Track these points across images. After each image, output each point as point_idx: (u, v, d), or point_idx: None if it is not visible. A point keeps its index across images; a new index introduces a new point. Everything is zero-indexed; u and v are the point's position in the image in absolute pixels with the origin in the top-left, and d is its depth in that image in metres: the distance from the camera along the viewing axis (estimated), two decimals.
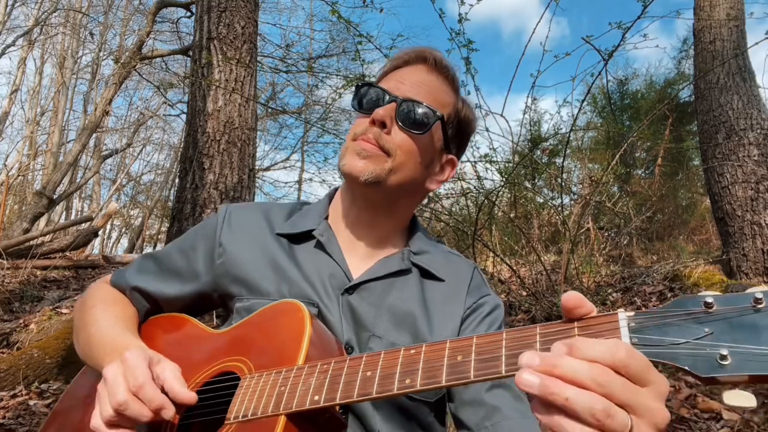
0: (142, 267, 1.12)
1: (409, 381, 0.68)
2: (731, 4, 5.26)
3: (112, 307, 1.06)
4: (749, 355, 0.51)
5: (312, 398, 0.74)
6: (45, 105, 17.82)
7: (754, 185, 4.74)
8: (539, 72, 3.49)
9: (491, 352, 0.63)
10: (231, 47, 4.53)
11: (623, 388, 0.51)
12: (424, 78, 1.04)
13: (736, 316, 0.54)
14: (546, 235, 5.47)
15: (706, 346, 0.53)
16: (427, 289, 1.04)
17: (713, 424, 2.52)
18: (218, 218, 1.09)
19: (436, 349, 0.68)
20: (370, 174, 0.98)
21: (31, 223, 7.87)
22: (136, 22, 14.95)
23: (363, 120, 1.02)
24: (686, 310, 0.56)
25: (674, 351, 0.54)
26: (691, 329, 0.54)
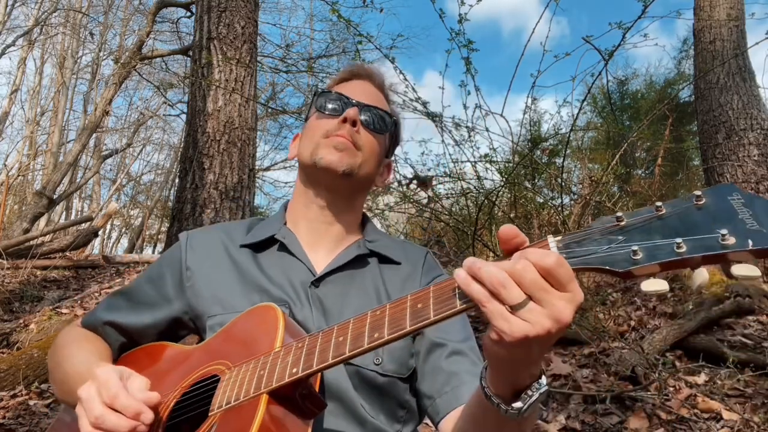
0: (111, 304, 1.16)
1: (377, 334, 0.73)
2: (731, 4, 5.26)
3: (85, 344, 1.10)
4: (655, 248, 0.60)
5: (290, 371, 0.77)
6: (45, 105, 17.82)
7: (754, 185, 4.74)
8: (539, 72, 3.49)
9: (446, 294, 0.70)
10: (231, 47, 4.53)
11: (534, 281, 0.62)
12: (372, 91, 1.19)
13: (643, 223, 0.63)
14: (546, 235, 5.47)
15: (621, 248, 0.62)
16: (386, 273, 1.13)
17: (713, 424, 2.52)
18: (180, 245, 1.15)
19: (398, 304, 0.74)
20: (347, 165, 1.08)
21: (31, 223, 7.87)
22: (136, 22, 14.95)
23: (330, 120, 1.12)
24: (602, 226, 0.65)
25: (596, 257, 0.63)
26: (608, 240, 0.64)
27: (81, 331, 1.15)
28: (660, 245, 0.60)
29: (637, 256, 0.60)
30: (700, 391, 2.75)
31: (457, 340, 1.05)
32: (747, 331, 3.43)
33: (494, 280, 0.62)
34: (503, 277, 0.62)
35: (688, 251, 0.58)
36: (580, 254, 0.64)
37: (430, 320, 0.69)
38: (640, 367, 2.92)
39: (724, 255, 0.57)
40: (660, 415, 2.57)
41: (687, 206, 0.63)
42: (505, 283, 0.62)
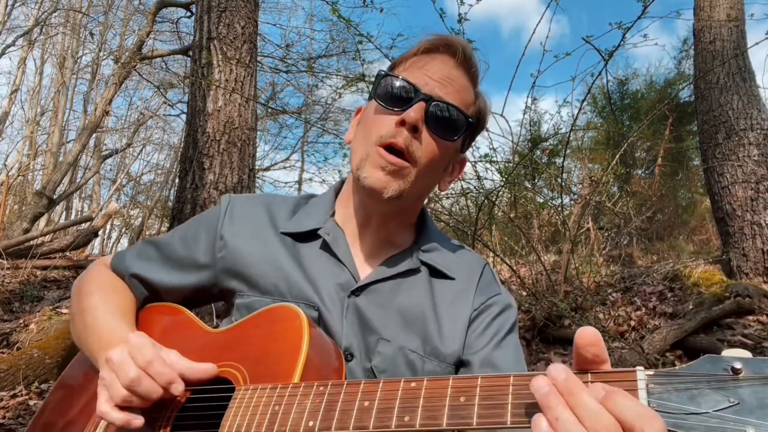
0: (142, 253, 1.09)
1: (408, 419, 0.65)
2: (731, 4, 5.26)
3: (110, 296, 1.03)
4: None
5: (306, 424, 0.72)
6: (45, 105, 17.82)
7: (754, 185, 4.74)
8: (539, 72, 3.49)
9: (496, 398, 0.60)
10: (231, 47, 4.53)
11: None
12: (453, 74, 0.96)
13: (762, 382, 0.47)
14: (546, 235, 5.47)
15: (730, 421, 0.46)
16: (437, 288, 1.00)
17: None
18: (220, 210, 1.05)
19: (437, 386, 0.65)
20: (395, 191, 0.92)
21: (31, 223, 7.87)
22: (136, 22, 14.95)
23: (388, 118, 0.92)
24: (711, 373, 0.50)
25: (694, 423, 0.48)
26: (714, 397, 0.48)
27: (108, 277, 1.08)
28: None
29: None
30: None
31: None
32: (747, 331, 3.43)
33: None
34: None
35: None
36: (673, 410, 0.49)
37: (471, 426, 0.60)
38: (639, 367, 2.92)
39: None
40: None
41: None
42: None
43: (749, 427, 0.45)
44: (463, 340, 0.96)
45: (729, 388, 0.48)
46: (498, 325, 1.00)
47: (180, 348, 0.93)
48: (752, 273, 4.58)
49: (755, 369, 0.48)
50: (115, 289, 1.06)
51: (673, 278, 4.95)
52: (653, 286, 4.86)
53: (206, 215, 1.08)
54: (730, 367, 0.49)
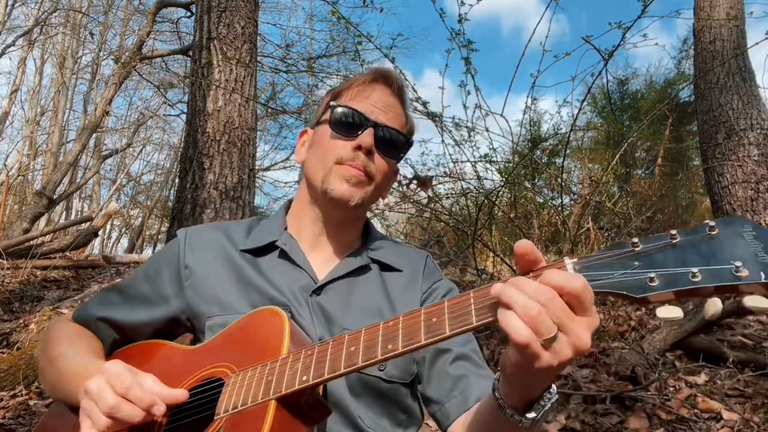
0: (104, 299, 1.13)
1: (391, 346, 0.73)
2: (731, 4, 5.26)
3: (77, 341, 1.07)
4: (671, 275, 0.62)
5: (300, 379, 0.77)
6: (45, 105, 17.82)
7: (754, 185, 4.73)
8: (539, 72, 3.49)
9: (462, 309, 0.71)
10: (231, 47, 4.53)
11: (561, 310, 0.64)
12: (390, 101, 1.13)
13: (658, 250, 0.65)
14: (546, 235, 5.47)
15: (638, 274, 0.64)
16: (388, 280, 1.13)
17: (713, 424, 2.51)
18: (179, 242, 1.13)
19: (412, 317, 0.75)
20: (359, 199, 1.06)
21: (31, 223, 7.87)
22: (136, 22, 14.95)
23: (344, 143, 1.07)
24: (619, 251, 0.67)
25: (613, 281, 0.65)
26: (624, 264, 0.66)
27: (72, 327, 1.12)
28: (676, 273, 0.62)
29: (654, 283, 0.62)
30: (700, 391, 2.75)
31: (461, 343, 1.06)
32: (747, 331, 3.43)
33: (530, 313, 0.63)
34: (537, 310, 0.63)
35: (703, 281, 0.60)
36: (596, 278, 0.66)
37: (445, 335, 0.70)
38: (640, 367, 2.92)
39: (737, 286, 0.59)
40: (660, 415, 2.57)
41: (700, 235, 0.65)
42: (539, 315, 0.63)
43: (651, 273, 0.63)
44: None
45: (633, 257, 0.66)
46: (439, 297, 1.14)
47: (162, 369, 0.96)
48: None
49: (648, 241, 0.66)
50: (82, 335, 1.10)
51: None
52: None
53: (165, 251, 1.16)
54: (630, 243, 0.67)
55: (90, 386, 0.82)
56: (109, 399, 0.79)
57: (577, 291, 0.63)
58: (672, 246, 0.65)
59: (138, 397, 0.80)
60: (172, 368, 0.96)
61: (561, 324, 0.64)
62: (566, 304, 0.64)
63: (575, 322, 0.64)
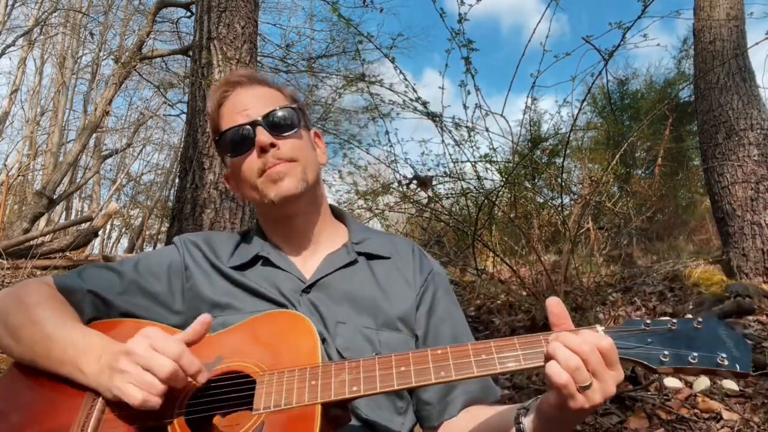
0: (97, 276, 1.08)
1: (444, 374, 0.83)
2: (731, 4, 5.26)
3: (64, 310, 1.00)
4: (679, 355, 0.83)
5: (350, 389, 0.83)
6: (45, 105, 17.82)
7: (754, 185, 4.73)
8: (539, 72, 3.48)
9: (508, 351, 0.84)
10: (231, 47, 4.53)
11: (597, 362, 0.79)
12: (249, 96, 1.13)
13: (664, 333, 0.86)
14: (546, 235, 5.47)
15: (653, 350, 0.84)
16: (376, 269, 1.14)
17: (713, 424, 2.52)
18: (177, 246, 1.18)
19: (460, 350, 0.85)
20: (299, 184, 1.08)
21: (31, 223, 7.87)
22: (136, 22, 14.94)
23: (249, 158, 1.09)
24: (636, 327, 0.87)
25: (634, 351, 0.85)
26: (640, 339, 0.85)
27: (54, 293, 1.04)
28: (682, 354, 0.82)
29: (666, 359, 0.82)
30: (700, 391, 2.75)
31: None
32: (747, 331, 3.43)
33: (571, 364, 0.77)
34: (576, 362, 0.77)
35: (698, 363, 0.81)
36: (621, 345, 0.84)
37: (495, 371, 0.83)
38: (640, 367, 2.92)
39: (718, 371, 0.80)
40: (660, 415, 2.57)
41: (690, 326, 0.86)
42: (578, 366, 0.77)
43: (665, 351, 0.83)
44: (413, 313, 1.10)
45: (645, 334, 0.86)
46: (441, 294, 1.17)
47: None
48: (752, 273, 4.57)
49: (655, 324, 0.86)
50: (65, 305, 1.02)
51: (673, 278, 4.95)
52: (653, 286, 4.86)
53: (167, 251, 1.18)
54: (644, 324, 0.87)
55: (135, 348, 0.82)
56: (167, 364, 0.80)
57: (606, 349, 0.79)
58: (671, 331, 0.85)
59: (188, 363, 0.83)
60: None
61: (596, 373, 0.78)
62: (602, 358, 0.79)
63: (607, 373, 0.79)
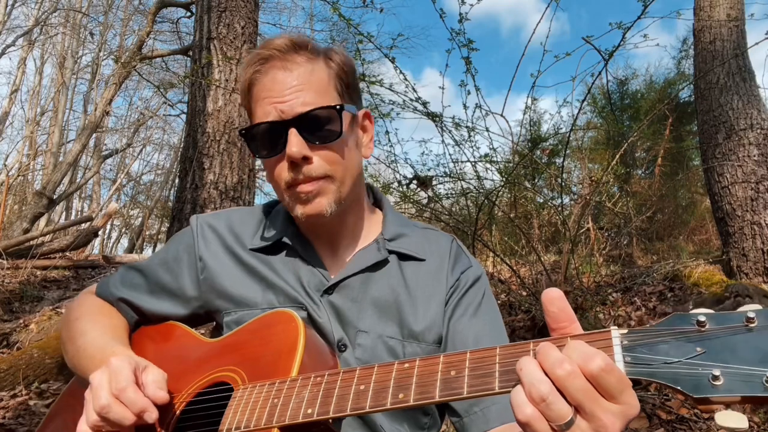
0: (126, 279, 1.11)
1: (402, 396, 0.68)
2: (731, 4, 5.26)
3: (99, 318, 1.05)
4: (741, 376, 0.50)
5: (305, 411, 0.74)
6: (45, 105, 17.82)
7: (754, 185, 4.73)
8: (539, 72, 3.49)
9: (484, 368, 0.64)
10: (231, 47, 4.53)
11: (582, 390, 0.54)
12: (287, 76, 0.93)
13: (729, 335, 0.52)
14: (546, 235, 5.47)
15: (699, 366, 0.52)
16: (408, 271, 1.03)
17: (713, 424, 2.52)
18: (193, 231, 1.08)
19: (429, 364, 0.69)
20: (330, 206, 0.95)
21: (31, 223, 7.87)
22: (136, 22, 14.95)
23: (280, 164, 0.94)
24: (679, 328, 0.55)
25: (666, 370, 0.54)
26: (683, 347, 0.54)
27: (96, 302, 1.10)
28: (747, 374, 0.50)
29: (718, 382, 0.51)
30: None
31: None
32: None
33: (535, 394, 0.54)
34: (546, 391, 0.54)
35: None
36: (647, 361, 0.54)
37: (462, 396, 0.63)
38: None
39: None
40: (660, 415, 2.57)
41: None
42: (548, 397, 0.54)
43: (715, 369, 0.51)
44: (440, 318, 1.00)
45: (696, 340, 0.54)
46: (472, 295, 1.04)
47: (178, 359, 0.95)
48: (752, 273, 4.58)
49: (718, 322, 0.54)
50: (103, 312, 1.08)
51: (673, 278, 4.95)
52: (653, 286, 4.86)
53: (182, 238, 1.11)
54: (695, 321, 0.54)
55: (92, 380, 0.82)
56: (103, 398, 0.78)
57: (595, 373, 0.53)
58: (747, 330, 0.52)
59: (131, 400, 0.78)
60: (188, 361, 0.96)
61: (581, 407, 0.54)
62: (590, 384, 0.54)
63: (601, 407, 0.54)
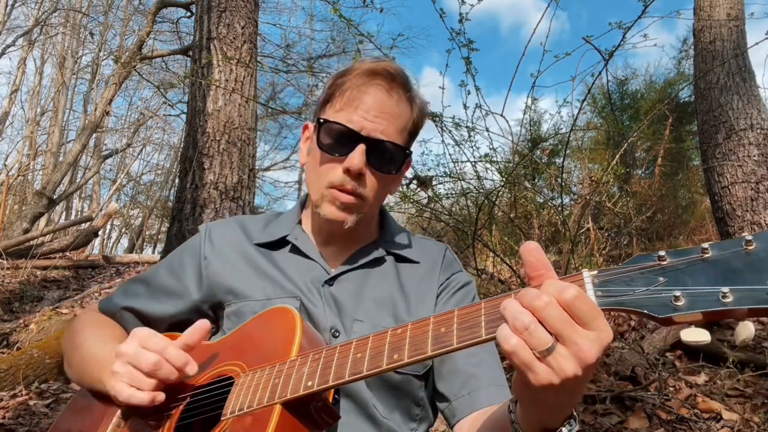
0: (129, 290, 1.15)
1: (397, 356, 0.71)
2: (731, 4, 5.26)
3: (101, 329, 1.10)
4: (699, 295, 0.56)
5: (305, 384, 0.76)
6: (45, 105, 17.81)
7: (754, 185, 4.73)
8: (539, 72, 3.48)
9: (471, 320, 0.68)
10: (231, 47, 4.53)
11: (559, 319, 0.59)
12: (385, 102, 1.00)
13: (686, 265, 0.60)
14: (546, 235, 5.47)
15: (662, 292, 0.59)
16: (403, 272, 1.10)
17: (713, 424, 2.52)
18: (201, 236, 1.14)
19: (420, 325, 0.73)
20: (352, 222, 1.02)
21: (31, 223, 7.87)
22: (136, 22, 14.94)
23: (333, 165, 1.00)
24: (643, 264, 0.62)
25: (634, 298, 0.60)
26: (647, 279, 0.61)
27: (98, 316, 1.15)
28: (704, 292, 0.56)
29: (679, 303, 0.57)
30: (700, 391, 2.75)
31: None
32: None
33: (519, 324, 0.59)
34: (528, 320, 0.59)
35: (734, 302, 0.54)
36: (615, 293, 0.61)
37: (452, 347, 0.67)
38: (640, 367, 2.92)
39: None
40: (660, 415, 2.57)
41: (735, 250, 0.58)
42: (530, 326, 0.59)
43: (676, 291, 0.58)
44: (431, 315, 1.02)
45: (658, 272, 0.61)
46: (460, 296, 1.10)
47: None
48: None
49: (677, 255, 0.61)
50: (106, 324, 1.13)
51: None
52: None
53: (188, 245, 1.18)
54: (656, 257, 0.62)
55: (125, 349, 0.85)
56: (151, 357, 0.82)
57: (569, 301, 0.58)
58: (702, 261, 0.58)
59: (174, 356, 0.83)
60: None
61: (560, 334, 0.58)
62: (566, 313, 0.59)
63: (577, 332, 0.58)
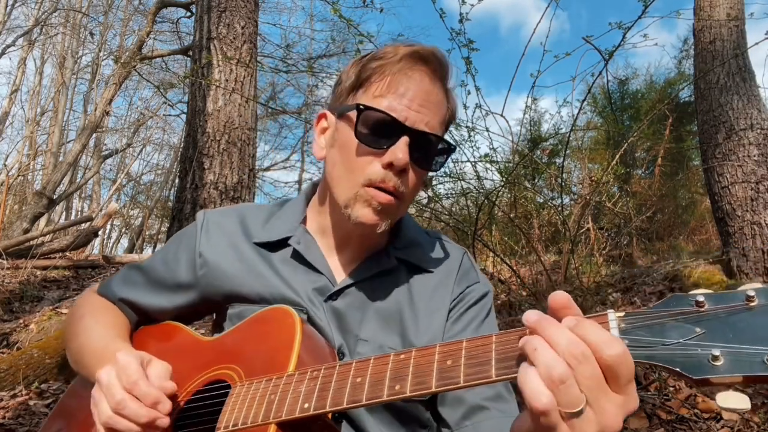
0: (127, 278, 1.11)
1: (398, 387, 0.66)
2: (731, 4, 5.26)
3: (101, 316, 1.06)
4: (742, 355, 0.49)
5: (302, 406, 0.72)
6: (45, 105, 17.81)
7: (754, 185, 4.73)
8: (539, 72, 3.48)
9: (481, 356, 0.62)
10: (231, 47, 4.53)
11: (592, 377, 0.51)
12: (429, 90, 0.92)
13: (728, 314, 0.52)
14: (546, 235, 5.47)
15: (698, 347, 0.51)
16: (414, 283, 1.01)
17: (713, 424, 2.51)
18: (196, 227, 1.07)
19: (425, 354, 0.67)
20: (386, 226, 0.93)
21: (31, 223, 7.87)
22: (136, 22, 14.94)
23: (373, 158, 0.89)
24: (677, 309, 0.54)
25: (665, 352, 0.52)
26: (682, 329, 0.53)
27: (98, 301, 1.11)
28: (747, 352, 0.49)
29: (717, 363, 0.50)
30: (700, 391, 2.75)
31: None
32: None
33: (555, 375, 0.51)
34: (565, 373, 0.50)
35: None
36: (645, 344, 0.53)
37: (458, 385, 0.62)
38: (640, 367, 2.92)
39: None
40: (660, 415, 2.57)
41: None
42: (567, 380, 0.50)
43: (715, 349, 0.50)
44: (440, 332, 0.98)
45: (694, 320, 0.53)
46: (475, 311, 1.02)
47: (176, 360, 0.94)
48: (752, 273, 4.57)
49: (717, 301, 0.53)
50: (106, 310, 1.09)
51: (673, 278, 4.94)
52: (653, 286, 4.86)
53: (184, 234, 1.10)
54: (694, 302, 0.53)
55: (101, 377, 0.82)
56: (117, 394, 0.78)
57: (611, 360, 0.50)
58: (747, 309, 0.51)
59: (143, 393, 0.79)
60: (186, 360, 0.96)
61: (589, 395, 0.51)
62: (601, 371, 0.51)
63: (607, 396, 0.52)
